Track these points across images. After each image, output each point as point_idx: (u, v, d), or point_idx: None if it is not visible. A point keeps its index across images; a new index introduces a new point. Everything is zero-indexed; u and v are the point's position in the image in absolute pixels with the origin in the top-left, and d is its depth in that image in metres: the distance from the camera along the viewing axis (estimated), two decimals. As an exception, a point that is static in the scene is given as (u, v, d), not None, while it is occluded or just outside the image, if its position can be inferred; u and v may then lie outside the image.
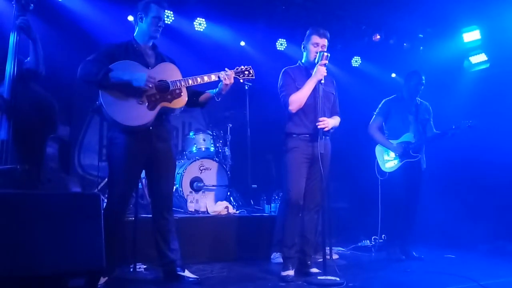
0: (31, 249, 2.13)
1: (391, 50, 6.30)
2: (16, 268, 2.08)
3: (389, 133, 4.53)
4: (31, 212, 2.20)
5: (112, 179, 3.05)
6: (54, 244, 2.20)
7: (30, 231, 2.16)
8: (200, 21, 5.60)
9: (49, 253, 2.17)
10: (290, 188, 3.37)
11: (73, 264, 2.23)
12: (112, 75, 2.85)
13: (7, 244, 2.08)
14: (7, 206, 2.15)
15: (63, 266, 2.20)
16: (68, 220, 2.27)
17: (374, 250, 4.68)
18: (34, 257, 2.13)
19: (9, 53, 2.63)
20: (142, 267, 3.47)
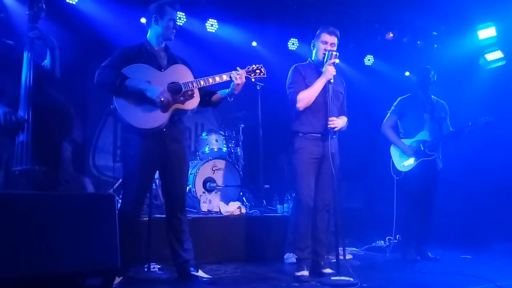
0: (48, 248, 2.17)
1: (404, 49, 6.24)
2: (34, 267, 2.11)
3: (404, 132, 4.49)
4: (49, 212, 2.23)
5: (126, 180, 3.09)
6: (71, 243, 2.23)
7: (47, 231, 2.19)
8: (212, 22, 5.63)
9: (65, 252, 2.20)
10: (300, 189, 3.36)
11: (89, 264, 2.26)
12: (128, 84, 2.89)
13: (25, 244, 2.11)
14: (26, 206, 2.19)
15: (80, 265, 2.23)
16: (84, 220, 2.30)
17: (388, 250, 4.63)
18: (52, 257, 2.16)
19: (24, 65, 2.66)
20: (156, 267, 3.50)
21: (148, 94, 2.90)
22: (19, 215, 2.14)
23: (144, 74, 2.97)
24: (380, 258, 4.48)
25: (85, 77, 4.64)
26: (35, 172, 2.56)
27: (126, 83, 2.89)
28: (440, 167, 4.39)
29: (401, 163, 4.38)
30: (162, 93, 2.91)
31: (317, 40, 3.47)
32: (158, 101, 2.91)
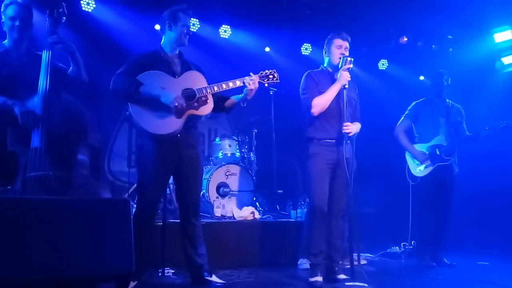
0: (63, 253, 2.19)
1: (419, 53, 6.20)
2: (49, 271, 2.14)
3: (419, 136, 4.45)
4: (64, 217, 2.26)
5: (141, 185, 3.12)
6: (86, 248, 2.25)
7: (62, 235, 2.22)
8: (225, 28, 5.67)
9: (80, 257, 2.23)
10: (313, 195, 3.35)
11: (104, 268, 2.28)
12: (142, 90, 2.93)
13: (41, 248, 2.14)
14: (41, 211, 2.22)
15: (94, 270, 2.25)
16: (99, 225, 2.32)
17: (403, 256, 4.58)
18: (66, 261, 2.19)
19: (42, 69, 2.71)
20: (170, 271, 3.51)
21: (162, 100, 2.93)
22: (34, 219, 2.18)
23: (159, 81, 3.01)
24: (395, 264, 4.43)
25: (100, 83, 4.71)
26: (50, 177, 2.59)
27: (141, 89, 2.93)
28: (456, 172, 4.34)
29: (416, 168, 4.34)
30: (176, 99, 2.94)
31: (330, 46, 3.47)
32: (172, 107, 2.93)
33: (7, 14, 2.80)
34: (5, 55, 2.80)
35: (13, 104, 2.63)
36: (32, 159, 2.58)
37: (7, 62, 2.78)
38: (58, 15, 2.79)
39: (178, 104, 2.93)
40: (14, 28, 2.79)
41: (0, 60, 2.77)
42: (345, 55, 3.38)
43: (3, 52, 2.81)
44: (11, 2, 2.80)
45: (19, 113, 2.60)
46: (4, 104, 2.64)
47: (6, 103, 2.64)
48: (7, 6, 2.80)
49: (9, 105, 2.63)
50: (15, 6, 2.79)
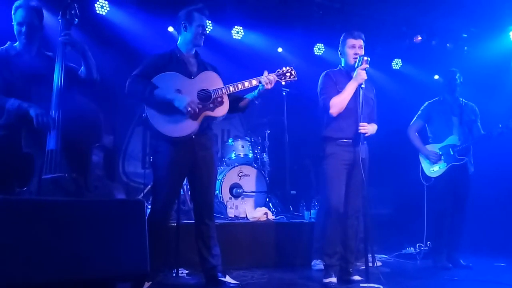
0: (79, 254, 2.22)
1: (433, 52, 6.13)
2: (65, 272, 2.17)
3: (433, 136, 4.41)
4: (79, 218, 2.29)
5: (156, 186, 3.14)
6: (101, 249, 2.28)
7: (78, 236, 2.24)
8: (237, 29, 5.68)
9: (95, 257, 2.25)
10: (329, 196, 3.33)
11: (119, 269, 2.30)
12: (157, 94, 2.93)
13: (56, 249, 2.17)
14: (57, 212, 2.25)
15: (109, 270, 2.27)
16: (114, 225, 2.34)
17: (419, 257, 4.54)
18: (82, 262, 2.21)
19: (56, 69, 2.75)
20: (185, 272, 3.53)
21: (176, 104, 2.93)
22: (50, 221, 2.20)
23: (174, 82, 3.01)
24: (410, 265, 4.39)
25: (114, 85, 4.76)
26: (65, 179, 2.63)
27: (155, 93, 2.93)
28: (471, 172, 4.29)
29: (430, 168, 4.30)
30: (190, 104, 2.93)
31: (344, 47, 3.46)
32: (186, 112, 2.94)
33: (15, 19, 2.83)
34: (16, 58, 2.84)
35: (28, 107, 2.67)
36: (48, 161, 2.61)
37: (19, 64, 2.83)
38: (71, 17, 2.83)
39: (191, 109, 2.93)
40: (21, 34, 2.83)
41: (12, 62, 2.82)
42: (361, 54, 3.36)
43: (14, 54, 2.85)
44: (20, 6, 2.83)
45: (34, 115, 2.64)
46: (19, 107, 2.68)
47: (22, 106, 2.68)
48: (16, 10, 2.83)
49: (24, 108, 2.67)
50: (23, 10, 2.81)
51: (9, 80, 2.78)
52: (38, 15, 2.87)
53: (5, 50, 2.86)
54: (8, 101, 2.70)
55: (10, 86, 2.76)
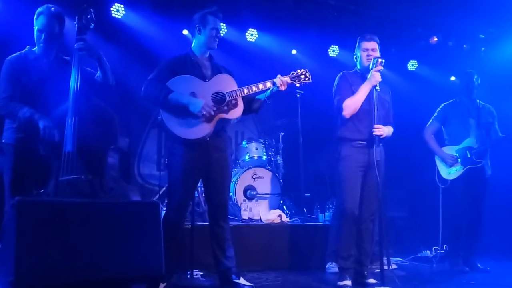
0: (95, 254, 2.25)
1: (450, 53, 6.06)
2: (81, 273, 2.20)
3: (449, 139, 4.36)
4: (95, 219, 2.32)
5: (170, 187, 3.16)
6: (117, 250, 2.30)
7: (94, 237, 2.27)
8: (252, 31, 5.70)
9: (111, 258, 2.28)
10: (344, 198, 3.31)
11: (135, 270, 2.33)
12: (171, 98, 2.96)
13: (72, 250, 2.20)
14: (73, 214, 2.28)
15: (125, 271, 2.30)
16: (129, 227, 2.37)
17: (435, 261, 4.48)
18: (98, 263, 2.24)
19: (72, 74, 2.80)
20: (199, 273, 3.54)
21: (190, 108, 2.95)
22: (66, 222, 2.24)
23: (188, 85, 3.04)
24: (427, 268, 4.34)
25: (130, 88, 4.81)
26: (81, 181, 2.67)
27: (170, 97, 2.96)
28: (488, 174, 4.22)
29: (447, 171, 4.25)
30: (204, 107, 2.95)
31: (358, 50, 3.46)
32: (200, 116, 2.96)
33: (36, 24, 2.89)
34: (35, 62, 2.90)
35: (39, 119, 2.73)
36: (64, 163, 2.66)
37: (38, 69, 2.88)
38: (87, 22, 2.86)
39: (206, 113, 2.95)
40: (40, 40, 2.88)
41: (30, 66, 2.88)
42: (375, 56, 3.34)
43: (33, 59, 2.91)
44: (42, 12, 2.88)
45: (42, 127, 2.70)
46: (30, 118, 2.74)
47: (33, 117, 2.74)
48: (38, 16, 2.89)
49: (35, 119, 2.74)
50: (44, 17, 2.86)
51: (27, 84, 2.83)
52: (59, 21, 2.92)
53: (24, 55, 2.92)
54: (21, 109, 2.76)
55: (28, 90, 2.82)
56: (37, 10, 2.91)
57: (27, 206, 2.20)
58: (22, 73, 2.84)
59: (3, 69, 2.86)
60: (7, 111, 2.81)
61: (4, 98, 2.80)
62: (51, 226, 2.19)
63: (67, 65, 2.90)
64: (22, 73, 2.84)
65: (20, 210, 2.14)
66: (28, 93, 2.81)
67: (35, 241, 2.13)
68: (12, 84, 2.81)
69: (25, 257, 2.08)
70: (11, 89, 2.80)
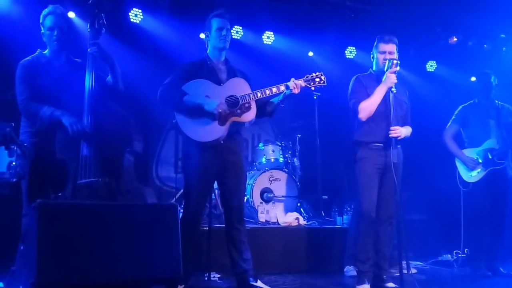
0: (113, 256, 2.28)
1: (470, 53, 5.96)
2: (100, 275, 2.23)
3: (469, 141, 4.29)
4: (114, 222, 2.35)
5: (187, 190, 3.19)
6: (135, 252, 2.33)
7: (113, 240, 2.30)
8: (268, 34, 5.71)
9: (130, 260, 2.30)
10: (362, 200, 3.29)
11: (153, 272, 2.35)
12: (186, 100, 3.01)
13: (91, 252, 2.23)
14: (91, 216, 2.31)
15: (144, 273, 2.32)
16: (148, 229, 2.39)
17: (456, 265, 4.40)
18: (117, 265, 2.27)
19: (87, 79, 2.85)
20: (216, 276, 3.55)
21: (206, 108, 2.99)
22: (86, 224, 2.27)
23: (203, 89, 3.08)
24: (448, 273, 4.26)
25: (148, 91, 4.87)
26: (98, 183, 2.70)
27: (185, 99, 3.01)
28: (511, 175, 4.14)
29: (468, 173, 4.18)
30: (219, 105, 2.99)
31: (376, 51, 3.43)
32: (216, 114, 2.98)
33: (45, 25, 2.94)
34: (47, 65, 2.96)
35: (61, 115, 2.77)
36: (81, 166, 2.69)
37: (50, 71, 2.94)
38: (99, 26, 2.92)
39: (221, 111, 2.98)
40: (52, 38, 2.93)
41: (43, 69, 2.93)
42: (390, 58, 3.31)
43: (45, 62, 2.97)
44: (49, 13, 2.94)
45: (68, 124, 2.73)
46: (51, 115, 2.78)
47: (54, 114, 2.78)
48: (45, 17, 2.94)
49: (57, 116, 2.77)
50: (53, 16, 2.92)
51: (41, 86, 2.89)
52: (66, 21, 3.00)
53: (36, 58, 2.98)
54: (41, 108, 2.81)
55: (42, 92, 2.87)
56: (42, 13, 2.96)
57: (48, 208, 2.24)
58: (35, 76, 2.89)
59: (17, 73, 2.92)
60: (27, 112, 2.87)
61: (22, 100, 2.86)
62: (71, 228, 2.23)
63: (78, 67, 2.95)
64: (35, 76, 2.89)
65: (41, 212, 2.19)
66: (41, 95, 2.86)
67: (56, 243, 2.16)
68: (28, 86, 2.87)
69: (46, 259, 2.11)
70: (28, 91, 2.86)
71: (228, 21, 3.21)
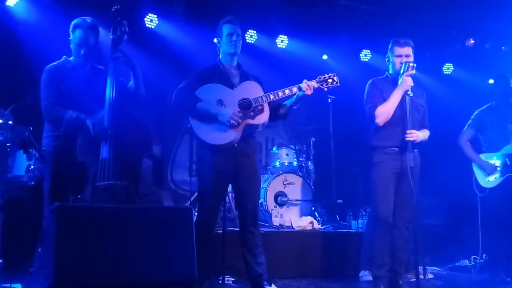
0: (129, 259, 2.29)
1: (487, 55, 5.88)
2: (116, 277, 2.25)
3: (487, 146, 4.22)
4: (130, 224, 2.37)
5: (201, 194, 3.21)
6: (150, 254, 2.34)
7: (129, 242, 2.32)
8: (282, 38, 5.72)
9: (147, 263, 2.32)
10: (378, 205, 3.26)
11: (168, 275, 2.36)
12: (200, 107, 3.04)
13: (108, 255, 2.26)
14: (109, 219, 2.34)
15: (159, 276, 2.33)
16: (163, 232, 2.41)
17: (474, 270, 4.32)
18: (132, 267, 2.29)
19: (108, 83, 2.89)
20: (230, 279, 3.56)
21: (220, 119, 3.02)
22: (102, 227, 2.30)
23: (216, 93, 3.11)
24: (465, 278, 4.19)
25: (163, 96, 4.92)
26: (117, 186, 2.73)
27: (198, 106, 3.04)
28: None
29: (485, 179, 4.11)
30: (232, 117, 3.01)
31: (391, 55, 3.41)
32: (228, 125, 3.01)
33: (74, 38, 3.01)
34: (72, 71, 3.03)
35: (85, 118, 2.84)
36: (101, 169, 2.73)
37: (74, 77, 3.01)
38: (121, 33, 2.96)
39: (234, 122, 3.01)
40: (79, 54, 3.00)
41: (69, 75, 3.00)
42: (407, 61, 3.28)
43: (70, 68, 3.04)
44: (78, 26, 3.00)
45: (91, 125, 2.80)
46: (77, 118, 2.86)
47: (79, 117, 2.86)
48: (75, 29, 3.00)
49: (81, 119, 2.85)
50: (81, 31, 2.98)
51: (65, 92, 2.96)
52: (95, 32, 3.05)
53: (62, 64, 3.06)
54: (66, 112, 2.88)
55: (66, 98, 2.94)
56: (72, 22, 3.03)
57: (65, 211, 2.27)
58: (60, 81, 2.97)
59: (43, 78, 2.99)
60: (52, 116, 2.93)
61: (47, 104, 2.94)
62: (88, 231, 2.25)
63: (102, 74, 3.00)
64: (60, 81, 2.97)
65: (59, 215, 2.22)
66: (65, 101, 2.93)
67: (73, 245, 2.19)
68: (53, 91, 2.95)
69: (64, 261, 2.14)
70: (53, 95, 2.94)
71: (239, 27, 3.24)
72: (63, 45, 3.15)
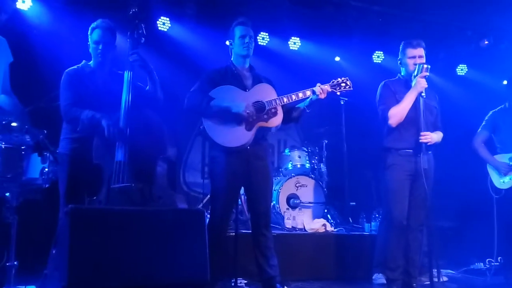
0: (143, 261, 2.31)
1: (502, 56, 5.80)
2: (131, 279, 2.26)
3: (501, 147, 4.17)
4: (144, 226, 2.39)
5: (213, 196, 3.21)
6: (164, 257, 2.36)
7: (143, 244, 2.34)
8: (294, 40, 5.72)
9: (160, 265, 2.33)
10: (392, 208, 3.24)
11: (181, 276, 2.37)
12: (213, 104, 3.05)
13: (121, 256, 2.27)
14: (123, 221, 2.36)
15: (172, 278, 2.34)
16: (176, 234, 2.42)
17: (489, 273, 4.26)
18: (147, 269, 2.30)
19: (125, 86, 2.93)
20: (243, 282, 3.55)
21: (233, 110, 3.01)
22: (116, 229, 2.31)
23: (229, 95, 3.11)
24: (480, 282, 4.14)
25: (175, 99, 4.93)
26: (132, 189, 2.76)
27: (212, 104, 3.04)
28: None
29: (500, 180, 4.06)
30: (247, 107, 3.01)
31: (404, 56, 3.38)
32: (244, 115, 3.00)
33: (92, 38, 3.06)
34: (91, 75, 3.07)
35: (101, 118, 2.86)
36: (116, 171, 2.76)
37: (93, 81, 3.05)
38: (138, 36, 3.00)
39: (249, 112, 2.99)
40: (97, 52, 3.04)
41: (87, 78, 3.05)
42: (420, 63, 3.26)
43: (89, 72, 3.08)
44: (96, 26, 3.06)
45: (106, 125, 2.81)
46: (92, 118, 2.88)
47: (95, 117, 2.87)
48: (93, 30, 3.07)
49: (97, 118, 2.86)
50: (100, 30, 3.04)
51: (84, 95, 2.99)
52: (112, 34, 3.10)
53: (81, 68, 3.10)
54: (82, 112, 2.91)
55: (84, 101, 2.97)
56: (90, 25, 3.08)
57: (79, 213, 2.29)
58: (79, 84, 3.01)
59: (62, 80, 3.04)
60: (70, 117, 2.97)
61: (66, 105, 2.98)
62: (102, 233, 2.27)
63: (120, 79, 3.03)
64: (79, 84, 3.01)
65: (73, 217, 2.24)
66: (84, 103, 2.96)
67: (87, 247, 2.21)
68: (71, 93, 2.99)
69: (77, 262, 2.16)
70: (72, 97, 2.97)
71: (251, 29, 3.24)
72: (76, 49, 3.19)
